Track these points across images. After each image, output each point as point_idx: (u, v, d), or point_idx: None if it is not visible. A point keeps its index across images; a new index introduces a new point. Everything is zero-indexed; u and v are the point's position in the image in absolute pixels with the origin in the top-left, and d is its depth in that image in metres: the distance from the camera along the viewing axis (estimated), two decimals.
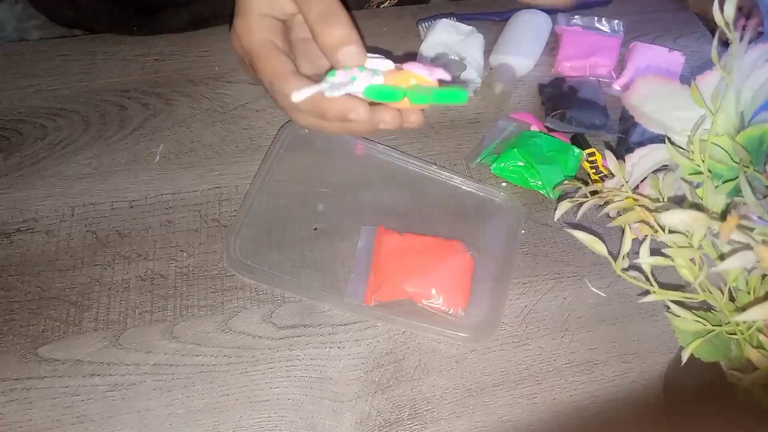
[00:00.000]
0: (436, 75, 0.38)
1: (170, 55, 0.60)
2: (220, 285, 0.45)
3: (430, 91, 0.37)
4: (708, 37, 0.68)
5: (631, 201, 0.39)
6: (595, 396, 0.42)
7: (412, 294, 0.43)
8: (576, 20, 0.65)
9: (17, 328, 0.42)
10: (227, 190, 0.50)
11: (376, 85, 0.36)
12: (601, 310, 0.46)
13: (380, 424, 0.40)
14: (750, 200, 0.32)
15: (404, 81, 0.37)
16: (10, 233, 0.46)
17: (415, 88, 0.37)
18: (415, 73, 0.37)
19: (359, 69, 0.37)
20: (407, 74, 0.38)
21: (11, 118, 0.53)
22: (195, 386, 0.40)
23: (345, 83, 0.36)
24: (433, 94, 0.37)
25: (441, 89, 0.37)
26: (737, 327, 0.34)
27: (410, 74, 0.38)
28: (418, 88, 0.37)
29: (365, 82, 0.36)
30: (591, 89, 0.58)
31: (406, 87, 0.37)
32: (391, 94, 0.36)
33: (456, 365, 0.42)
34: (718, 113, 0.36)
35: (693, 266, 0.35)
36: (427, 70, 0.38)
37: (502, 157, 0.52)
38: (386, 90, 0.36)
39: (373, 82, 0.36)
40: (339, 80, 0.36)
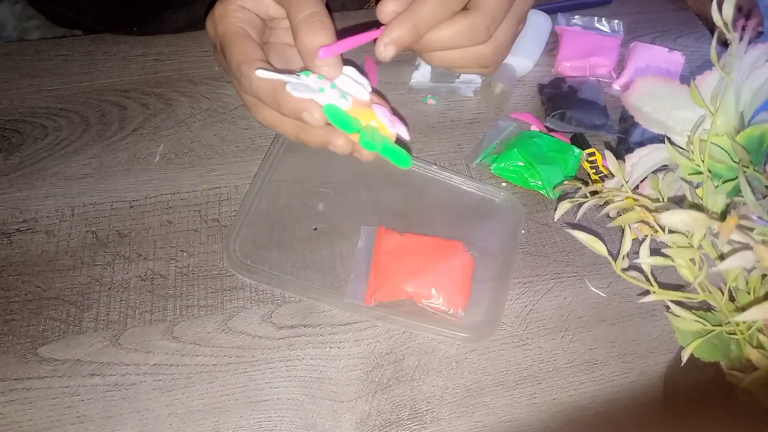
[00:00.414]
0: (396, 129, 0.38)
1: (170, 55, 0.60)
2: (220, 285, 0.45)
3: (381, 141, 0.37)
4: (708, 37, 0.68)
5: (631, 201, 0.39)
6: (595, 396, 0.42)
7: (412, 294, 0.44)
8: (576, 20, 0.65)
9: (17, 328, 0.42)
10: (227, 190, 0.50)
11: (337, 107, 0.36)
12: (601, 310, 0.46)
13: (380, 424, 0.40)
14: (750, 200, 0.32)
15: (366, 118, 0.37)
16: (10, 233, 0.46)
17: (369, 131, 0.37)
18: (378, 117, 0.38)
19: (331, 86, 0.36)
20: (371, 114, 0.38)
21: (11, 118, 0.53)
22: (195, 386, 0.40)
23: (311, 88, 0.36)
24: (382, 146, 0.37)
25: (390, 146, 0.38)
26: (737, 327, 0.34)
27: (374, 116, 0.38)
28: (371, 133, 0.37)
29: (330, 98, 0.36)
30: (591, 89, 0.58)
31: (364, 125, 0.37)
32: (346, 123, 0.36)
33: (456, 365, 0.42)
34: (718, 113, 0.36)
35: (693, 266, 0.35)
36: (391, 121, 0.38)
37: (502, 157, 0.52)
38: (343, 117, 0.36)
39: (337, 104, 0.36)
40: (307, 83, 0.36)
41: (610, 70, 0.61)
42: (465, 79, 0.59)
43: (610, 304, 0.46)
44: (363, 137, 0.37)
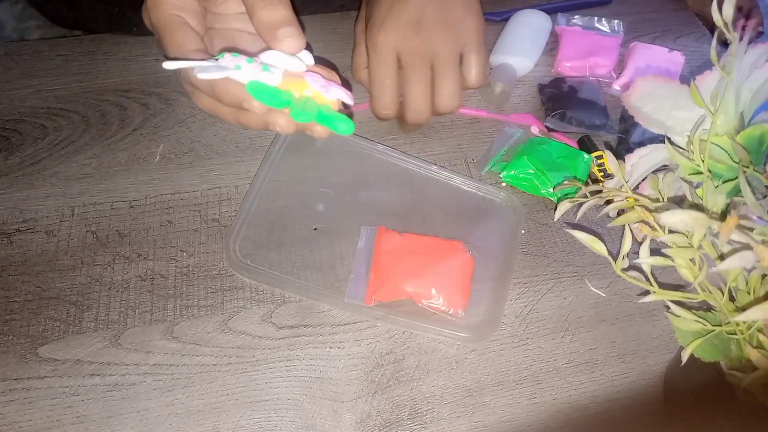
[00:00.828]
0: (334, 94, 0.36)
1: None
2: (220, 285, 0.45)
3: (315, 109, 0.35)
4: (708, 37, 0.68)
5: (631, 201, 0.39)
6: (595, 396, 0.42)
7: (412, 294, 0.44)
8: (576, 20, 0.65)
9: (17, 328, 0.42)
10: (227, 190, 0.50)
11: (259, 82, 0.33)
12: (601, 310, 0.46)
13: (380, 424, 0.40)
14: (750, 200, 0.32)
15: (298, 88, 0.35)
16: (10, 233, 0.46)
17: (302, 102, 0.34)
18: (310, 86, 0.35)
19: (248, 60, 0.34)
20: (303, 84, 0.35)
21: (11, 118, 0.53)
22: (195, 386, 0.40)
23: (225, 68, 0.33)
24: (317, 114, 0.35)
25: (327, 113, 0.35)
26: (737, 327, 0.34)
27: (306, 85, 0.35)
28: (304, 103, 0.34)
29: (250, 74, 0.33)
30: (591, 89, 0.58)
31: (297, 96, 0.35)
32: (273, 97, 0.34)
33: (456, 365, 0.42)
34: (718, 113, 0.36)
35: (693, 266, 0.35)
36: (326, 86, 0.36)
37: (511, 165, 0.52)
38: (268, 91, 0.34)
39: (259, 78, 0.33)
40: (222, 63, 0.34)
41: (610, 70, 0.61)
42: None
43: (610, 304, 0.46)
44: (293, 109, 0.34)
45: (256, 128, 0.38)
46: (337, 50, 0.61)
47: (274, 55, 0.35)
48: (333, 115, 0.36)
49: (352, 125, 0.36)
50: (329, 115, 0.35)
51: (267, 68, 0.34)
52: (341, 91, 0.37)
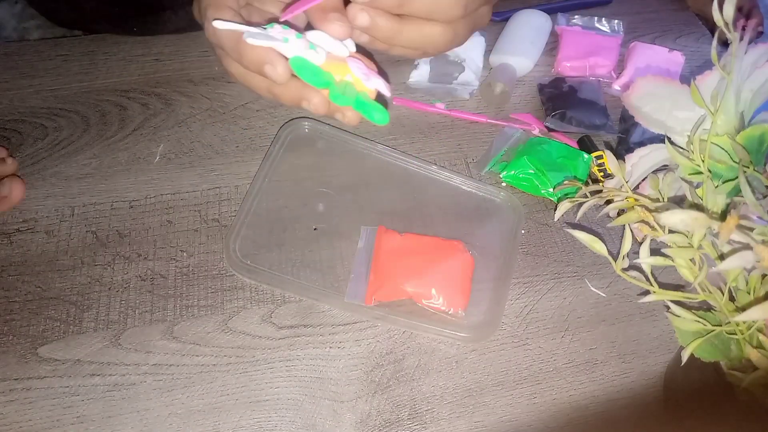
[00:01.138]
0: (374, 84, 0.36)
1: (170, 56, 0.60)
2: (220, 285, 0.45)
3: (354, 95, 0.35)
4: (708, 37, 0.68)
5: (631, 201, 0.39)
6: (595, 396, 0.42)
7: (412, 294, 0.43)
8: (576, 20, 0.65)
9: (17, 328, 0.42)
10: (227, 190, 0.50)
11: (305, 59, 0.33)
12: (601, 310, 0.46)
13: (380, 424, 0.40)
14: (750, 200, 0.32)
15: (339, 72, 0.35)
16: (10, 233, 0.46)
17: (342, 86, 0.35)
18: (352, 71, 0.35)
19: (297, 35, 0.34)
20: (345, 68, 0.35)
21: (11, 118, 0.53)
22: (195, 386, 0.40)
23: (273, 38, 0.33)
24: (354, 100, 0.35)
25: (365, 101, 0.36)
26: (737, 327, 0.34)
27: (348, 70, 0.35)
28: (344, 87, 0.35)
29: (296, 50, 0.33)
30: (591, 89, 0.58)
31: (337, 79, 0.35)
32: (315, 76, 0.34)
33: (456, 365, 0.42)
34: (718, 113, 0.36)
35: (693, 266, 0.35)
36: (368, 75, 0.36)
37: (511, 165, 0.51)
38: (311, 69, 0.34)
39: (304, 54, 0.33)
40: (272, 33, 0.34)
41: (610, 70, 0.61)
42: (462, 80, 0.59)
43: (610, 304, 0.46)
44: (332, 90, 0.35)
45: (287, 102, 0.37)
46: None
47: (320, 35, 0.35)
48: (370, 104, 0.36)
49: (387, 115, 0.36)
50: (367, 102, 0.36)
51: (313, 47, 0.34)
52: (381, 82, 0.37)
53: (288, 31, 0.34)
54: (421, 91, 0.59)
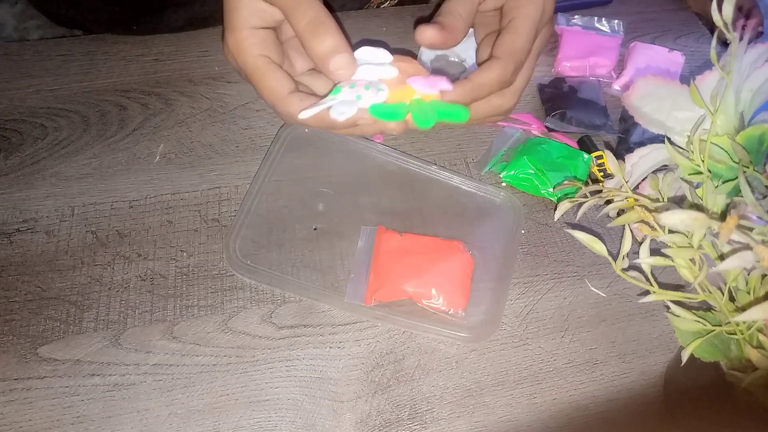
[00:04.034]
0: (438, 86, 0.38)
1: (170, 55, 0.60)
2: (220, 285, 0.45)
3: (433, 110, 0.37)
4: (708, 37, 0.68)
5: (631, 201, 0.39)
6: (595, 396, 0.42)
7: (412, 294, 0.43)
8: (576, 20, 0.65)
9: (17, 328, 0.42)
10: (227, 190, 0.50)
11: (381, 104, 0.37)
12: (601, 310, 0.46)
13: (380, 424, 0.40)
14: (749, 200, 0.32)
15: (407, 96, 0.37)
16: (10, 233, 0.46)
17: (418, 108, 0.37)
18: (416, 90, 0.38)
19: (366, 87, 0.37)
20: (409, 89, 0.38)
21: (11, 118, 0.53)
22: (195, 386, 0.40)
23: (351, 102, 0.36)
24: (436, 114, 0.37)
25: (442, 109, 0.37)
26: (737, 327, 0.34)
27: (412, 90, 0.38)
28: (421, 110, 0.37)
29: (370, 100, 0.36)
30: (591, 89, 0.58)
31: (410, 102, 0.37)
32: (393, 113, 0.37)
33: (456, 365, 0.42)
34: (718, 113, 0.36)
35: (693, 266, 0.35)
36: (430, 83, 0.38)
37: (511, 165, 0.51)
38: (389, 110, 0.37)
39: (377, 100, 0.37)
40: (344, 98, 0.37)
41: (610, 70, 0.61)
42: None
43: (610, 304, 0.46)
44: (415, 117, 0.37)
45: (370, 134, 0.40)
46: None
47: (369, 69, 0.38)
48: (449, 109, 0.37)
49: (467, 111, 0.38)
50: (446, 110, 0.37)
51: (380, 88, 0.37)
52: (444, 83, 0.38)
53: (356, 88, 0.37)
54: None
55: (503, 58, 0.40)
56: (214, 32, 0.62)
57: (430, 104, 0.37)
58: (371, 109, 0.36)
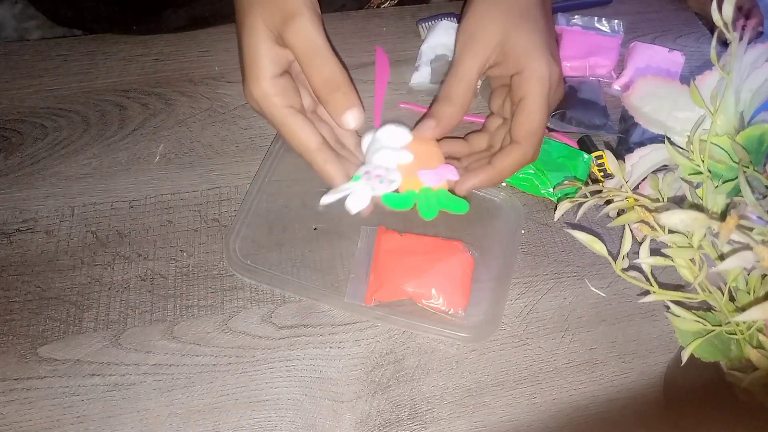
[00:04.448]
0: (446, 177, 0.43)
1: (170, 55, 0.60)
2: (220, 285, 0.45)
3: (437, 202, 0.42)
4: (708, 37, 0.68)
5: (631, 201, 0.39)
6: (595, 396, 0.42)
7: (413, 294, 0.43)
8: (576, 20, 0.65)
9: (17, 328, 0.42)
10: (227, 190, 0.50)
11: (392, 194, 0.42)
12: (601, 310, 0.46)
13: (380, 424, 0.40)
14: (749, 200, 0.32)
15: (416, 185, 0.42)
16: (10, 233, 0.46)
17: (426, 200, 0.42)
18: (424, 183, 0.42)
19: (380, 181, 0.41)
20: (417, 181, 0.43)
21: (11, 118, 0.53)
22: (195, 386, 0.40)
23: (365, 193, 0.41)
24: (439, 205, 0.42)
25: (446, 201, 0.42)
26: (737, 327, 0.34)
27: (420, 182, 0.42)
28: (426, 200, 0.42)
29: (383, 191, 0.41)
30: (591, 89, 0.58)
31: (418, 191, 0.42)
32: (402, 202, 0.42)
33: (456, 365, 0.42)
34: (718, 113, 0.36)
35: (693, 266, 0.35)
36: (438, 176, 0.43)
37: None
38: (398, 199, 0.42)
39: (389, 190, 0.41)
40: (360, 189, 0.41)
41: (610, 70, 0.61)
42: None
43: (610, 304, 0.46)
44: (420, 208, 0.42)
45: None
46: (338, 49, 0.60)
47: (387, 154, 0.43)
48: (451, 202, 0.42)
49: (467, 204, 0.42)
50: (449, 202, 0.42)
51: (393, 180, 0.42)
52: (448, 171, 0.43)
53: (372, 180, 0.42)
54: (424, 93, 0.59)
55: (522, 143, 0.43)
56: (214, 32, 0.62)
57: (436, 195, 0.42)
58: (384, 198, 0.41)
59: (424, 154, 0.44)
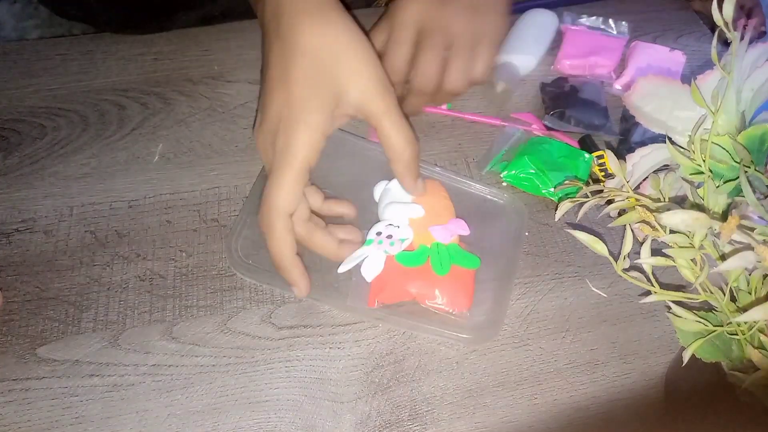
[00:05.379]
0: (455, 232, 0.45)
1: (169, 54, 0.60)
2: (220, 285, 0.45)
3: (449, 257, 0.44)
4: (709, 36, 0.68)
5: (632, 201, 0.39)
6: (596, 396, 0.42)
7: (416, 295, 0.43)
8: (582, 20, 0.65)
9: (16, 329, 0.42)
10: (226, 190, 0.50)
11: (405, 253, 0.43)
12: (602, 310, 0.46)
13: (380, 425, 0.40)
14: (751, 200, 0.32)
15: (428, 239, 0.44)
16: (8, 233, 0.46)
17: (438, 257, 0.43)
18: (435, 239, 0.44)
19: (391, 243, 0.43)
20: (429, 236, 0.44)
21: (10, 118, 0.53)
22: (194, 387, 0.40)
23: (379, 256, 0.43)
24: (451, 260, 0.43)
25: (457, 256, 0.44)
26: (738, 327, 0.33)
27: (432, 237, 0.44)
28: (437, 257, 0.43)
29: (396, 250, 0.43)
30: (593, 90, 0.58)
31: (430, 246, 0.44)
32: (417, 260, 0.43)
33: (456, 366, 0.42)
34: (719, 113, 0.36)
35: (694, 266, 0.35)
36: (449, 232, 0.45)
37: (512, 165, 0.51)
38: (413, 257, 0.43)
39: (402, 249, 0.43)
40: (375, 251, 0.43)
41: (610, 70, 0.61)
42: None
43: (611, 304, 0.46)
44: (434, 264, 0.43)
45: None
46: None
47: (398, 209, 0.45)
48: (462, 257, 0.44)
49: (478, 260, 0.44)
50: (460, 257, 0.44)
51: (403, 240, 0.44)
52: (458, 226, 0.45)
53: (383, 244, 0.43)
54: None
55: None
56: (214, 31, 0.62)
57: (447, 250, 0.44)
58: (397, 257, 0.43)
59: (435, 207, 0.46)
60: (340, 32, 0.40)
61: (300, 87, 0.39)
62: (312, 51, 0.39)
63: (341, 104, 0.40)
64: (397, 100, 0.41)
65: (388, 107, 0.40)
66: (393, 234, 0.44)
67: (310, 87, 0.39)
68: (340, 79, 0.39)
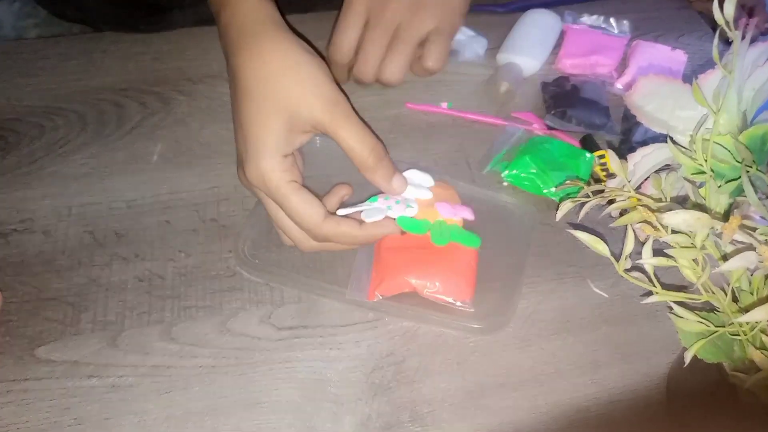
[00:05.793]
0: (461, 214, 0.45)
1: (168, 54, 0.59)
2: (219, 286, 0.44)
3: (449, 233, 0.44)
4: (710, 35, 0.68)
5: (633, 201, 0.39)
6: (597, 397, 0.41)
7: (416, 285, 0.43)
8: (584, 19, 0.65)
9: (14, 329, 0.41)
10: (226, 190, 0.50)
11: (407, 217, 0.43)
12: (603, 311, 0.45)
13: (380, 426, 0.39)
14: (753, 200, 0.32)
15: (432, 216, 0.44)
16: (7, 233, 0.46)
17: (440, 229, 0.44)
18: (441, 214, 0.45)
19: (396, 201, 0.44)
20: (435, 212, 0.45)
21: (8, 117, 0.53)
22: (193, 388, 0.40)
23: (382, 210, 0.43)
24: (450, 235, 0.44)
25: (458, 234, 0.44)
26: (740, 328, 0.33)
27: (437, 213, 0.44)
28: (439, 229, 0.44)
29: (399, 212, 0.43)
30: (594, 89, 0.58)
31: (432, 222, 0.44)
32: (416, 227, 0.43)
33: (457, 367, 0.42)
34: (720, 112, 0.36)
35: (696, 267, 0.34)
36: (454, 212, 0.45)
37: (513, 164, 0.51)
38: (413, 223, 0.44)
39: (405, 214, 0.43)
40: (378, 206, 0.43)
41: (611, 70, 0.61)
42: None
43: (612, 304, 0.46)
44: (433, 235, 0.43)
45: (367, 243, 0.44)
46: None
47: (409, 188, 0.45)
48: (463, 236, 0.44)
49: (479, 239, 0.45)
50: (461, 234, 0.44)
51: (409, 205, 0.44)
52: (465, 212, 0.46)
53: (389, 200, 0.44)
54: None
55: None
56: (214, 30, 0.61)
57: (449, 228, 0.44)
58: (399, 220, 0.43)
59: (443, 195, 0.46)
60: (283, 55, 0.41)
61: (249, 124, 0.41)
62: (257, 84, 0.41)
63: (296, 124, 0.41)
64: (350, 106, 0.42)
65: (341, 118, 0.41)
66: (399, 201, 0.44)
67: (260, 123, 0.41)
68: (290, 100, 0.40)
